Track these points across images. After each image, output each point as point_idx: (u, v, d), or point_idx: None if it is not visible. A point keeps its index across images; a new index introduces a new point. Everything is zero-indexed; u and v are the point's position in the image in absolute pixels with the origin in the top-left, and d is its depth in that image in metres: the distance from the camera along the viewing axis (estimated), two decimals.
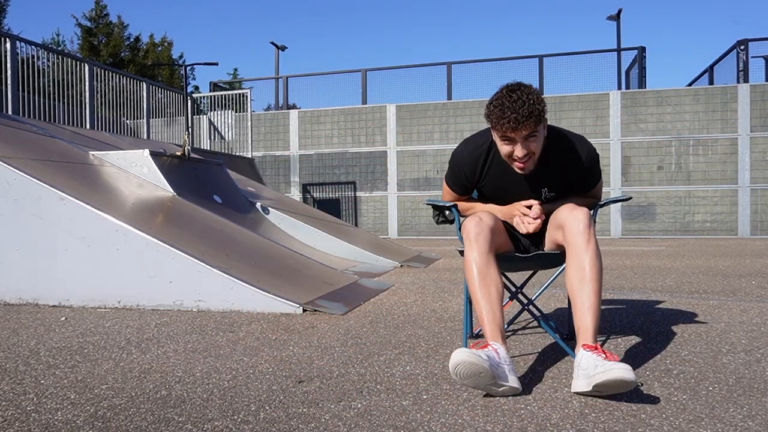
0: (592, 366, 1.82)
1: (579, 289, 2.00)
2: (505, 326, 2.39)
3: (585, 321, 1.96)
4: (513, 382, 1.87)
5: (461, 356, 1.80)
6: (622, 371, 1.74)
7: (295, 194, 12.97)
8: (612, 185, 11.35)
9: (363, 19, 54.03)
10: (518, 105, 1.99)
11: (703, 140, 11.03)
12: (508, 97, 2.02)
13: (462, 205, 2.44)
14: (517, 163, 2.13)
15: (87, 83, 8.24)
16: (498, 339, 1.97)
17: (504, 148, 2.13)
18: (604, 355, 1.84)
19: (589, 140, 2.31)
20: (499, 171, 2.25)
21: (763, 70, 11.87)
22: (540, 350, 2.51)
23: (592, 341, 1.93)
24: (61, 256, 3.83)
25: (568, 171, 2.25)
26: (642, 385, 1.99)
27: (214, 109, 12.45)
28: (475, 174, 2.30)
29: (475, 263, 2.09)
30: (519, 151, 2.08)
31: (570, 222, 2.07)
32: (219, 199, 5.74)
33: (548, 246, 2.32)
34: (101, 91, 8.93)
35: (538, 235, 2.34)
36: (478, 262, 2.09)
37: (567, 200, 2.28)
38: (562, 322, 3.07)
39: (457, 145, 2.41)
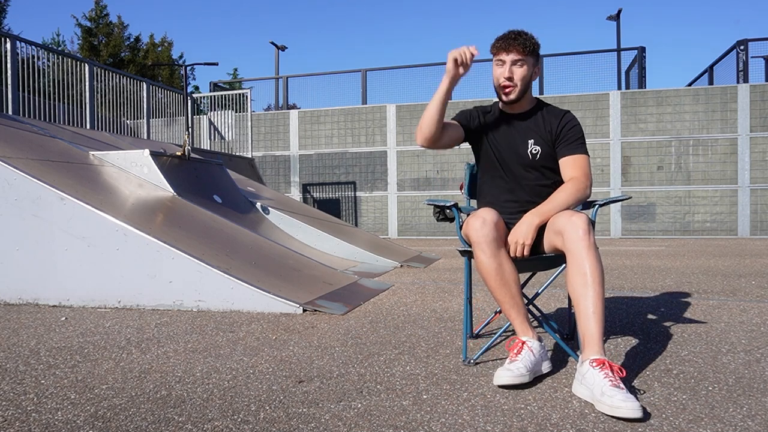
0: (597, 389, 1.79)
1: (582, 294, 2.00)
2: (504, 326, 2.39)
3: (590, 328, 1.96)
4: (546, 368, 2.14)
5: (505, 381, 1.99)
6: (630, 411, 1.68)
7: (295, 194, 12.97)
8: (612, 185, 11.35)
9: (363, 19, 54.02)
10: (513, 33, 2.32)
11: (703, 140, 11.03)
12: (508, 30, 2.37)
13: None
14: (503, 85, 2.33)
15: (87, 83, 8.24)
16: (528, 332, 2.15)
17: (496, 71, 2.35)
18: (611, 378, 1.80)
19: (585, 138, 2.47)
20: (496, 122, 2.47)
21: (763, 70, 11.86)
22: None
23: (598, 352, 1.91)
24: (61, 256, 3.83)
25: (551, 125, 2.40)
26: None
27: (214, 109, 12.44)
28: (478, 119, 2.49)
29: (488, 265, 2.14)
30: (506, 72, 2.30)
31: (569, 228, 2.07)
32: (219, 199, 5.74)
33: (547, 249, 2.33)
34: (101, 91, 8.93)
35: (536, 240, 2.35)
36: (491, 263, 2.14)
37: (553, 202, 2.27)
38: (562, 322, 3.07)
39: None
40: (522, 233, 2.18)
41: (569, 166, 2.34)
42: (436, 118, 2.28)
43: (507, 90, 2.33)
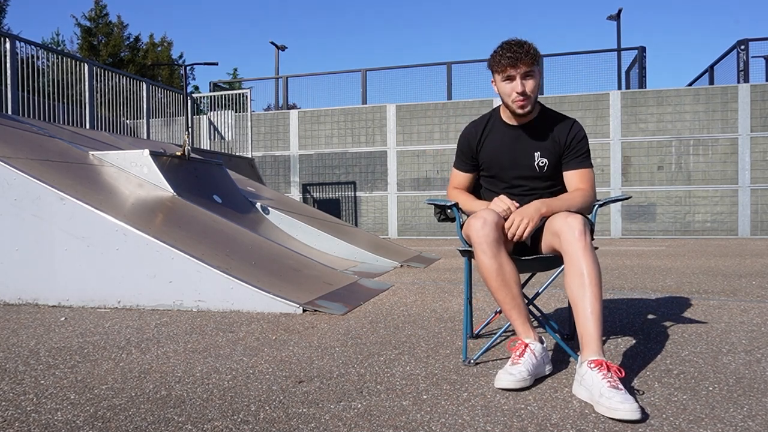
0: (596, 390, 1.79)
1: (580, 295, 2.00)
2: (504, 326, 2.39)
3: (588, 328, 1.96)
4: (548, 370, 2.14)
5: (506, 385, 1.98)
6: (628, 413, 1.67)
7: (295, 194, 12.97)
8: (612, 185, 11.34)
9: (363, 19, 54.06)
10: (516, 47, 2.26)
11: (703, 140, 11.03)
12: (506, 43, 2.30)
13: (463, 201, 2.48)
14: (517, 101, 2.29)
15: (87, 83, 8.23)
16: (530, 334, 2.13)
17: (506, 88, 2.30)
18: (609, 378, 1.80)
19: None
20: (497, 136, 2.43)
21: (763, 70, 11.87)
22: None
23: (596, 353, 1.91)
24: (61, 256, 3.83)
25: (558, 136, 2.38)
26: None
27: (214, 109, 12.44)
28: (476, 139, 2.46)
29: (489, 266, 2.14)
30: (518, 87, 2.26)
31: (565, 230, 2.08)
32: (219, 199, 5.74)
33: (545, 250, 2.33)
34: (101, 91, 8.93)
35: (535, 241, 2.35)
36: (492, 264, 2.13)
37: (561, 199, 2.28)
38: (562, 322, 3.06)
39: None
40: (528, 213, 2.17)
41: (576, 178, 2.35)
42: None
43: (523, 104, 2.29)
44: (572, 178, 2.35)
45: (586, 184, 2.34)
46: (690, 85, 14.05)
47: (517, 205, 2.24)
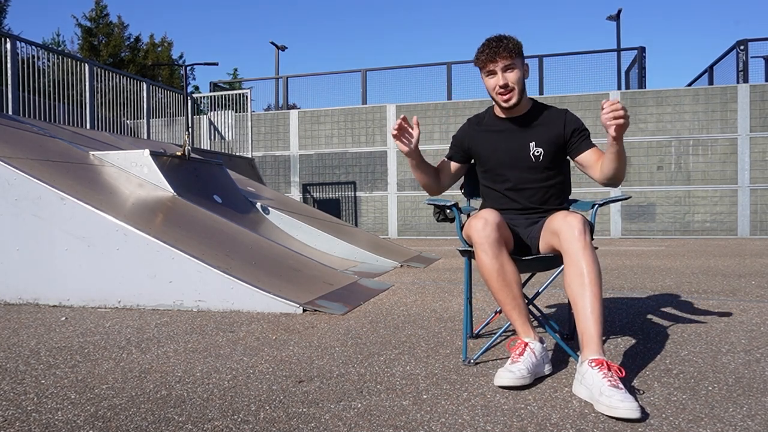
0: (596, 389, 1.79)
1: (580, 294, 2.00)
2: (504, 326, 2.39)
3: (588, 328, 1.96)
4: (547, 370, 2.14)
5: (506, 382, 1.98)
6: (627, 411, 1.68)
7: (295, 194, 12.97)
8: None
9: (363, 20, 54.06)
10: (494, 42, 2.32)
11: (703, 140, 11.03)
12: (487, 39, 2.36)
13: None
14: (500, 93, 2.34)
15: (87, 83, 8.24)
16: (530, 333, 2.14)
17: (489, 83, 2.36)
18: (609, 378, 1.80)
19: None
20: (492, 131, 2.48)
21: (763, 70, 11.86)
22: None
23: (597, 352, 1.91)
24: (61, 256, 3.83)
25: (555, 126, 2.41)
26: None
27: (214, 109, 12.44)
28: (469, 135, 2.53)
29: (490, 266, 2.14)
30: (500, 80, 2.31)
31: (565, 229, 2.08)
32: (219, 199, 5.74)
33: (544, 250, 2.33)
34: (101, 91, 8.93)
35: (534, 241, 2.36)
36: (493, 265, 2.14)
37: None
38: (562, 322, 3.07)
39: None
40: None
41: (596, 155, 2.38)
42: (425, 181, 2.54)
43: (506, 97, 2.34)
44: (591, 156, 2.38)
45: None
46: (689, 85, 14.06)
47: (402, 120, 2.38)
